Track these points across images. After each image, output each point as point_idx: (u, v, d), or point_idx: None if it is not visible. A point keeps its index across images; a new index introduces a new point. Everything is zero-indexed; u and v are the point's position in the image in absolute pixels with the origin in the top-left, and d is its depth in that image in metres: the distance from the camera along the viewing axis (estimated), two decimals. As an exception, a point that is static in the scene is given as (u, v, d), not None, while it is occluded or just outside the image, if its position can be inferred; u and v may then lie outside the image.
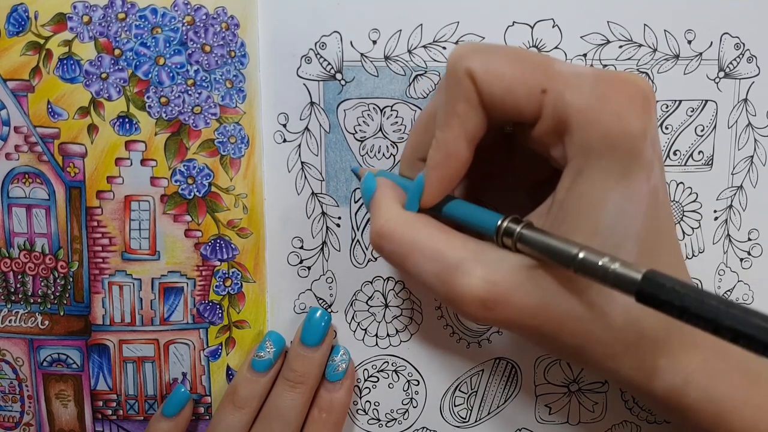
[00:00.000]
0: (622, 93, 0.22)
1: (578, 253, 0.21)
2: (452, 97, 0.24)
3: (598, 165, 0.22)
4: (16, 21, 0.30)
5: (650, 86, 0.24)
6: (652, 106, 0.23)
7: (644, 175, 0.23)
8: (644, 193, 0.23)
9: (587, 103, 0.22)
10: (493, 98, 0.24)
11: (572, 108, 0.22)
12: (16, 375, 0.34)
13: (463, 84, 0.24)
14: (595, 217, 0.23)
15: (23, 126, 0.31)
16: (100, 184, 0.32)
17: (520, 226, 0.24)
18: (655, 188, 0.23)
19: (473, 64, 0.23)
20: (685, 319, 0.19)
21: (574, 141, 0.23)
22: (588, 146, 0.22)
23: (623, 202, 0.23)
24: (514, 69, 0.23)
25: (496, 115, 0.24)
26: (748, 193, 0.33)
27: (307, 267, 0.33)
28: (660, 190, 0.24)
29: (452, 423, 0.35)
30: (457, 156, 0.25)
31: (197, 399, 0.34)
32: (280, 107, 0.32)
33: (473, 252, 0.25)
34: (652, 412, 0.35)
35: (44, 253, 0.32)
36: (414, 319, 0.34)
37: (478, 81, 0.23)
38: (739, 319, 0.18)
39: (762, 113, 0.33)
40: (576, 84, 0.23)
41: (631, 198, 0.23)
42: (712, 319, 0.18)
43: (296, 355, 0.32)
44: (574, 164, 0.23)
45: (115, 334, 0.33)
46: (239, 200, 0.32)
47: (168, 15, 0.30)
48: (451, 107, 0.24)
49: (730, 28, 0.32)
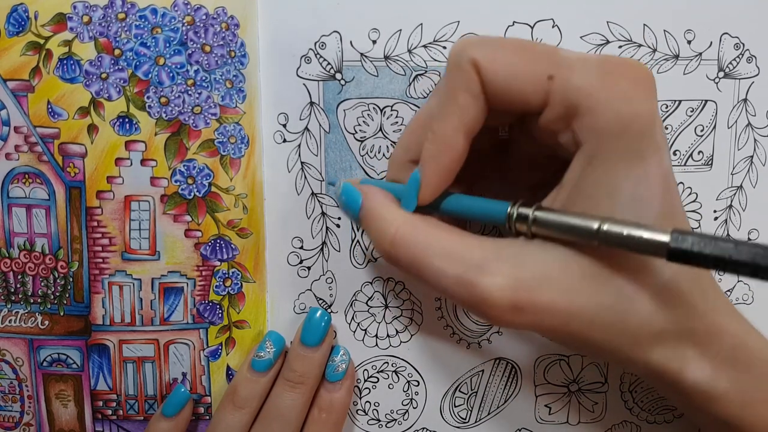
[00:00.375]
0: (628, 76, 0.23)
1: (601, 225, 0.21)
2: (453, 87, 0.24)
3: (612, 148, 0.22)
4: (16, 21, 0.30)
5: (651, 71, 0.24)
6: (655, 89, 0.23)
7: (657, 157, 0.23)
8: (658, 176, 0.23)
9: (596, 87, 0.22)
10: (498, 87, 0.23)
11: (581, 92, 0.22)
12: (16, 375, 0.34)
13: (467, 73, 0.24)
14: (611, 203, 0.23)
15: (23, 126, 0.31)
16: (100, 184, 0.32)
17: (532, 208, 0.24)
18: (667, 172, 0.23)
19: (478, 54, 0.23)
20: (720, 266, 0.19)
21: (585, 125, 0.23)
22: (600, 130, 0.22)
23: (638, 186, 0.23)
24: (519, 57, 0.23)
25: (500, 106, 0.24)
26: (748, 193, 0.33)
27: (307, 267, 0.33)
28: (670, 174, 0.24)
29: (452, 423, 0.35)
30: (455, 147, 0.25)
31: (197, 399, 0.34)
32: (279, 107, 0.32)
33: (492, 250, 0.24)
34: (652, 411, 0.35)
35: (44, 253, 0.32)
36: (414, 319, 0.34)
37: (482, 70, 0.23)
38: None
39: (762, 113, 0.33)
40: (583, 68, 0.23)
41: (646, 181, 0.23)
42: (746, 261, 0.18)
43: (296, 355, 0.32)
44: (586, 149, 0.23)
45: (115, 334, 0.33)
46: (239, 200, 0.32)
47: (168, 15, 0.30)
48: (451, 97, 0.24)
49: (729, 28, 0.32)
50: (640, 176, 0.22)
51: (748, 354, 0.25)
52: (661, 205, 0.23)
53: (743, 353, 0.24)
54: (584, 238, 0.22)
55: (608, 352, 0.24)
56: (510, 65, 0.23)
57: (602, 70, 0.23)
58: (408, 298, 0.34)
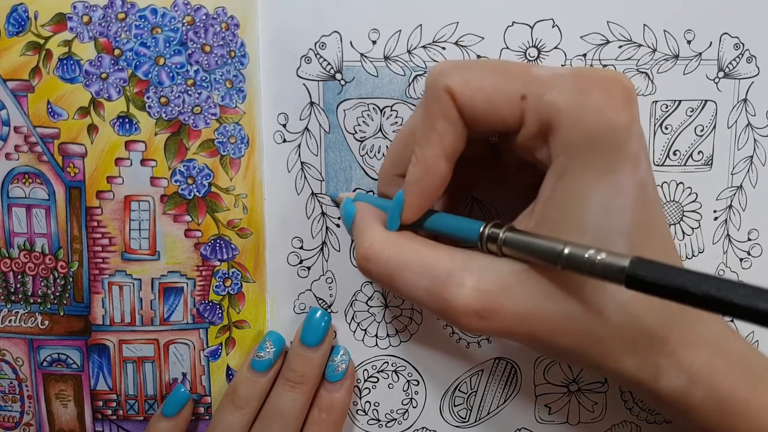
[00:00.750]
0: (601, 88, 0.23)
1: (563, 249, 0.21)
2: (431, 114, 0.25)
3: (581, 161, 0.22)
4: (16, 21, 0.30)
5: (629, 81, 0.24)
6: (633, 99, 0.23)
7: (629, 169, 0.23)
8: (630, 187, 0.23)
9: (568, 102, 0.22)
10: (474, 111, 0.24)
11: (553, 109, 0.23)
12: (16, 375, 0.34)
13: (442, 101, 0.24)
14: (581, 215, 0.23)
15: (23, 126, 0.31)
16: (100, 184, 0.32)
17: (503, 230, 0.24)
18: (643, 181, 0.23)
19: (451, 81, 0.24)
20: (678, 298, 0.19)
21: (558, 141, 0.23)
22: (571, 144, 0.22)
23: (608, 198, 0.23)
24: (492, 80, 0.24)
25: (479, 128, 0.24)
26: (748, 193, 0.33)
27: (307, 267, 0.33)
28: (648, 183, 0.24)
29: (452, 423, 0.35)
30: (436, 172, 0.25)
31: (197, 399, 0.34)
32: (279, 107, 0.32)
33: (462, 262, 0.25)
34: (651, 411, 0.35)
35: (44, 253, 0.32)
36: (414, 319, 0.34)
37: (457, 96, 0.24)
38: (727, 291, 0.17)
39: (761, 113, 0.33)
40: (555, 85, 0.23)
41: (617, 193, 0.23)
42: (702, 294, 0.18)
43: (296, 355, 0.32)
44: (557, 163, 0.23)
45: (115, 334, 0.33)
46: (239, 200, 0.32)
47: (168, 15, 0.30)
48: (429, 124, 0.25)
49: (729, 28, 0.32)
50: (610, 187, 0.22)
51: (726, 362, 0.24)
52: (633, 215, 0.23)
53: (718, 362, 0.24)
54: (549, 262, 0.22)
55: (578, 360, 0.25)
56: (483, 89, 0.23)
57: (575, 84, 0.23)
58: (408, 298, 0.34)
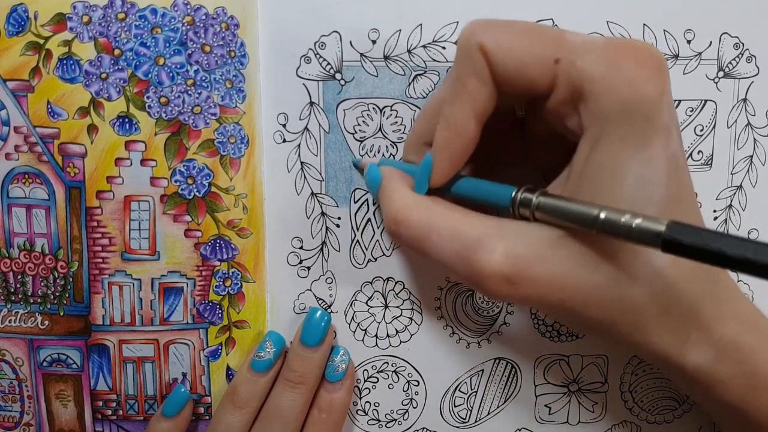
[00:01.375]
0: (634, 59, 0.22)
1: (599, 213, 0.21)
2: (463, 73, 0.24)
3: (615, 133, 0.22)
4: (16, 21, 0.30)
5: (661, 53, 0.24)
6: (665, 71, 0.23)
7: (662, 141, 0.23)
8: (664, 160, 0.23)
9: (600, 71, 0.22)
10: (506, 72, 0.23)
11: (586, 76, 0.22)
12: (16, 375, 0.34)
13: (475, 59, 0.24)
14: (616, 187, 0.23)
15: (23, 126, 0.31)
16: (100, 184, 0.32)
17: (536, 194, 0.24)
18: (675, 154, 0.23)
19: (485, 39, 0.23)
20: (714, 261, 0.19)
21: (589, 109, 0.23)
22: (603, 114, 0.22)
23: (643, 171, 0.22)
24: (526, 42, 0.23)
25: (509, 90, 0.24)
26: (748, 193, 0.33)
27: (307, 267, 0.33)
28: (679, 155, 0.24)
29: (452, 423, 0.35)
30: (466, 133, 0.25)
31: (197, 399, 0.34)
32: (279, 107, 0.32)
33: (493, 227, 0.24)
34: (652, 411, 0.35)
35: (44, 253, 0.32)
36: (414, 319, 0.34)
37: (490, 55, 0.23)
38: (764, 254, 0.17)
39: (761, 113, 0.33)
40: (588, 52, 0.23)
41: (651, 165, 0.23)
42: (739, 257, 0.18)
43: (296, 355, 0.32)
44: (590, 133, 0.23)
45: (115, 334, 0.33)
46: (239, 200, 0.32)
47: (168, 15, 0.30)
48: (461, 83, 0.24)
49: (729, 28, 0.32)
50: (644, 159, 0.22)
51: (755, 339, 0.24)
52: (667, 188, 0.23)
53: (749, 338, 0.24)
54: (584, 226, 0.22)
55: (606, 331, 0.24)
56: (517, 50, 0.23)
57: (607, 53, 0.23)
58: (408, 298, 0.34)
